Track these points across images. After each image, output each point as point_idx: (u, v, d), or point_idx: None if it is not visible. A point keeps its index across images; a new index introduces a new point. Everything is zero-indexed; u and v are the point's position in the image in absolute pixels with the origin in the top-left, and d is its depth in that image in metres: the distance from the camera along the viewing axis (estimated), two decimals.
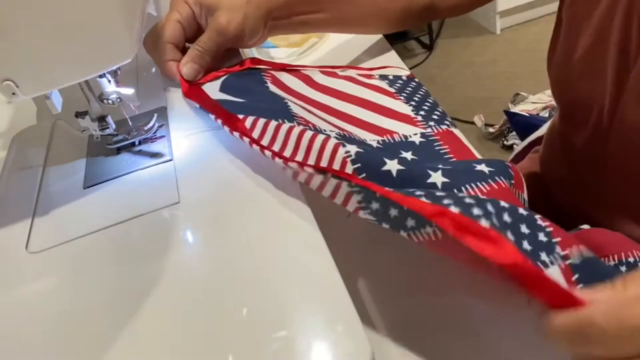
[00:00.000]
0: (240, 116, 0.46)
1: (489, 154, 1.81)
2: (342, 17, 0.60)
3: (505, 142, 1.81)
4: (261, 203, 0.42)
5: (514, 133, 1.77)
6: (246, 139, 0.44)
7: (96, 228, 0.42)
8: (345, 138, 0.44)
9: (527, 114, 1.73)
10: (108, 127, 0.49)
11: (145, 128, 0.50)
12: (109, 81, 0.47)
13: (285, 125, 0.44)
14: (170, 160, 0.48)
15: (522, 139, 1.66)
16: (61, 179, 0.49)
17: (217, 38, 0.54)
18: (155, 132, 0.51)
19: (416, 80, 0.58)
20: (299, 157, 0.42)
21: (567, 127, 0.59)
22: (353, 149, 0.41)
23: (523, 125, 1.63)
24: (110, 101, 0.48)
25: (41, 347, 0.35)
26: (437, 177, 0.40)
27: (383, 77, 0.58)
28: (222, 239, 0.40)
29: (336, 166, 0.40)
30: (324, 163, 0.41)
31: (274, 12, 0.55)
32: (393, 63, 0.64)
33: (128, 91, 0.48)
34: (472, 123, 1.93)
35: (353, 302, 0.34)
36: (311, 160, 0.41)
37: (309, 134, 0.43)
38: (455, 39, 2.48)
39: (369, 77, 0.58)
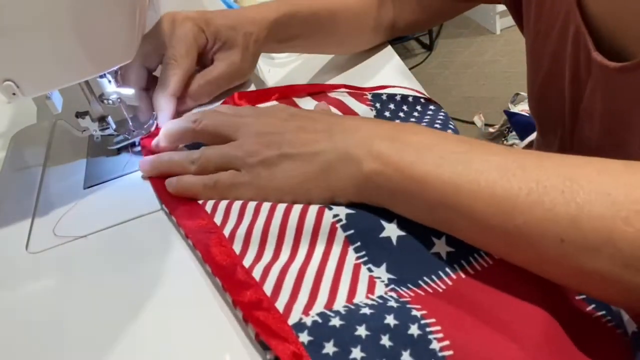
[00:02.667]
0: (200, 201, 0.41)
1: None
2: (317, 44, 0.63)
3: (505, 142, 1.81)
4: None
5: (514, 133, 1.77)
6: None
7: (96, 228, 0.42)
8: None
9: (527, 114, 1.73)
10: (108, 128, 0.49)
11: (145, 127, 0.50)
12: (109, 81, 0.47)
13: (252, 203, 0.39)
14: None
15: (522, 139, 1.67)
16: (61, 179, 0.49)
17: (231, 76, 0.54)
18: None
19: (422, 100, 0.52)
20: (273, 234, 0.36)
21: (543, 140, 0.61)
22: (342, 210, 0.35)
23: (523, 125, 1.63)
24: (110, 101, 0.48)
25: (41, 347, 0.35)
26: (441, 246, 0.34)
27: (376, 98, 0.52)
28: None
29: (323, 234, 0.35)
30: (307, 230, 0.35)
31: (266, 44, 0.56)
32: (393, 63, 0.64)
33: (128, 91, 0.48)
34: (472, 123, 1.93)
35: None
36: (290, 232, 0.36)
37: (282, 205, 0.37)
38: (455, 39, 2.48)
39: (360, 96, 0.52)
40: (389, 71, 0.63)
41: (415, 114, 0.51)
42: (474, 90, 2.15)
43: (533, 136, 0.78)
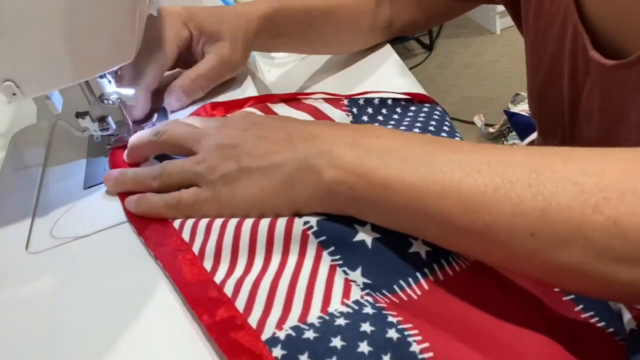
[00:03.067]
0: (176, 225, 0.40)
1: None
2: (310, 42, 0.62)
3: (505, 142, 1.81)
4: None
5: (514, 133, 1.77)
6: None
7: (96, 228, 0.42)
8: None
9: (527, 114, 1.73)
10: (108, 127, 0.49)
11: (145, 127, 0.50)
12: (109, 81, 0.47)
13: (219, 219, 0.38)
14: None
15: (522, 139, 1.66)
16: (61, 179, 0.49)
17: (219, 67, 0.53)
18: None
19: (403, 102, 0.51)
20: (244, 247, 0.35)
21: (543, 140, 0.61)
22: (312, 218, 0.34)
23: (523, 125, 1.63)
24: (110, 101, 0.48)
25: (41, 347, 0.35)
26: (419, 246, 0.33)
27: (352, 103, 0.50)
28: None
29: (295, 243, 0.34)
30: (277, 240, 0.35)
31: (258, 39, 0.56)
32: (392, 63, 0.64)
33: (128, 91, 0.48)
34: (472, 123, 1.93)
35: None
36: (260, 244, 0.35)
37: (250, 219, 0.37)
38: (455, 39, 2.48)
39: (336, 102, 0.51)
40: (388, 71, 0.63)
41: (395, 116, 0.50)
42: (474, 90, 2.15)
43: (533, 136, 0.78)
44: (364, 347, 0.28)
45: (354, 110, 0.50)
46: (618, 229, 0.25)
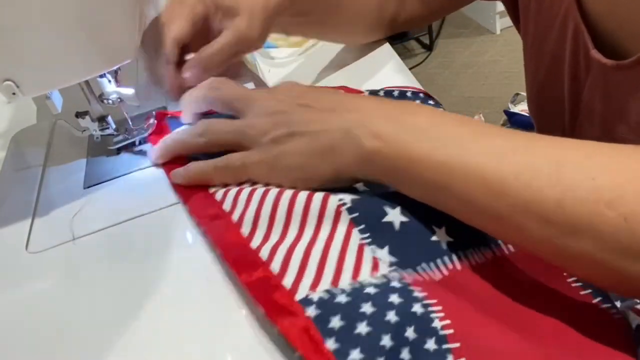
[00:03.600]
0: (211, 190, 0.42)
1: None
2: (321, 23, 0.61)
3: None
4: None
5: None
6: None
7: (96, 228, 0.42)
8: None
9: (527, 114, 1.73)
10: (108, 127, 0.49)
11: (145, 127, 0.50)
12: (109, 81, 0.47)
13: (260, 190, 0.40)
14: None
15: None
16: (61, 179, 0.49)
17: (237, 42, 0.52)
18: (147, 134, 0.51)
19: (422, 95, 0.52)
20: (280, 217, 0.37)
21: None
22: (347, 195, 0.37)
23: (523, 125, 1.63)
24: (110, 101, 0.48)
25: (41, 347, 0.35)
26: (442, 235, 0.36)
27: (373, 94, 0.52)
28: None
29: (329, 217, 0.36)
30: (312, 214, 0.37)
31: (279, 15, 0.54)
32: (392, 63, 0.64)
33: (128, 91, 0.48)
34: None
35: None
36: (296, 216, 0.37)
37: (288, 192, 0.38)
38: (455, 39, 2.48)
39: (357, 93, 0.52)
40: (388, 71, 0.63)
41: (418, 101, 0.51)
42: (474, 90, 2.15)
43: None
44: (391, 316, 0.30)
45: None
46: (628, 225, 0.27)
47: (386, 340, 0.29)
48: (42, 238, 0.42)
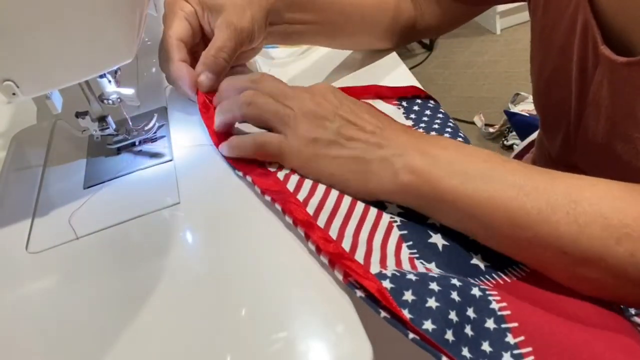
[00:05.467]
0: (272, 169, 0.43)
1: None
2: (332, 29, 0.61)
3: (505, 142, 1.81)
4: (261, 204, 0.42)
5: (514, 133, 1.77)
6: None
7: (96, 228, 0.42)
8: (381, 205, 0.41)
9: (527, 114, 1.73)
10: (108, 127, 0.49)
11: (146, 128, 0.50)
12: (109, 81, 0.47)
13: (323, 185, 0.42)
14: (171, 160, 0.48)
15: (522, 139, 1.66)
16: (61, 179, 0.49)
17: (233, 36, 0.51)
18: (155, 132, 0.51)
19: (431, 103, 0.55)
20: (339, 218, 0.39)
21: (545, 135, 0.61)
22: (395, 210, 0.40)
23: (523, 125, 1.63)
24: (110, 101, 0.48)
25: (41, 347, 0.35)
26: (478, 260, 0.38)
27: (400, 99, 0.55)
28: (222, 239, 0.40)
29: (382, 227, 0.39)
30: (369, 220, 0.39)
31: (271, 16, 0.55)
32: (393, 63, 0.64)
33: (128, 91, 0.48)
34: (472, 123, 1.93)
35: (352, 302, 0.34)
36: (354, 218, 0.39)
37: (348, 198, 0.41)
38: (455, 39, 2.48)
39: (389, 101, 0.54)
40: (388, 71, 0.63)
41: (440, 116, 0.53)
42: (474, 90, 2.14)
43: (533, 136, 0.78)
44: (455, 296, 0.33)
45: (404, 103, 0.54)
46: (634, 260, 0.32)
47: (453, 315, 0.32)
48: (42, 238, 0.42)
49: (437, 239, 0.39)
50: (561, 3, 0.49)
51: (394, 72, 0.63)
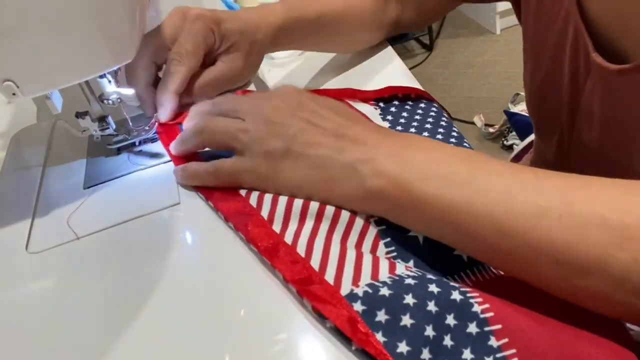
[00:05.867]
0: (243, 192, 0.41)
1: (489, 154, 1.81)
2: (317, 42, 0.62)
3: (505, 142, 1.81)
4: None
5: (514, 133, 1.77)
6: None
7: (96, 229, 0.42)
8: None
9: (527, 114, 1.73)
10: (108, 128, 0.49)
11: (146, 128, 0.50)
12: (109, 81, 0.47)
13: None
14: (171, 160, 0.48)
15: (522, 139, 1.67)
16: (61, 179, 0.49)
17: (231, 79, 0.53)
18: (155, 133, 0.51)
19: (423, 103, 0.52)
20: (309, 226, 0.37)
21: (540, 139, 0.61)
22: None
23: (523, 125, 1.63)
24: (110, 101, 0.48)
25: (41, 346, 0.35)
26: (462, 251, 0.36)
27: (378, 99, 0.53)
28: (221, 240, 0.40)
29: (358, 225, 0.36)
30: (342, 220, 0.37)
31: (273, 47, 0.56)
32: (393, 63, 0.64)
33: (128, 91, 0.48)
34: (472, 123, 1.93)
35: None
36: (326, 220, 0.37)
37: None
38: (455, 39, 2.48)
39: (366, 102, 0.53)
40: (388, 71, 0.63)
41: (420, 111, 0.51)
42: (474, 90, 2.15)
43: (533, 136, 0.78)
44: (432, 307, 0.30)
45: (381, 104, 0.52)
46: (638, 266, 0.27)
47: (429, 331, 0.30)
48: (42, 238, 0.42)
49: (418, 232, 0.36)
50: (552, 10, 0.49)
51: (395, 72, 0.63)
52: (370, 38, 0.66)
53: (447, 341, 0.30)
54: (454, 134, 0.48)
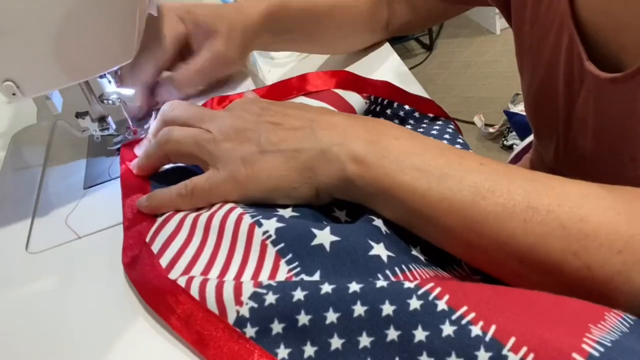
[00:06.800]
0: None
1: (489, 154, 1.81)
2: (309, 40, 0.62)
3: (505, 142, 1.81)
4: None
5: (514, 133, 1.77)
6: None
7: (96, 228, 0.42)
8: (261, 211, 0.37)
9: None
10: (108, 128, 0.49)
11: (145, 127, 0.50)
12: (109, 81, 0.48)
13: (192, 215, 0.38)
14: None
15: (522, 139, 1.66)
16: (61, 179, 0.49)
17: (215, 65, 0.53)
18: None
19: (426, 120, 0.50)
20: (210, 245, 0.36)
21: (539, 143, 0.61)
22: (272, 225, 0.34)
23: (523, 125, 1.63)
24: (110, 101, 0.48)
25: (41, 346, 0.35)
26: (380, 250, 0.33)
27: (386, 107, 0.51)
28: None
29: (255, 251, 0.34)
30: (239, 248, 0.35)
31: (256, 44, 0.56)
32: (393, 63, 0.64)
33: (128, 91, 0.48)
34: (472, 123, 1.93)
35: None
36: (225, 244, 0.35)
37: (219, 216, 0.37)
38: (455, 39, 2.48)
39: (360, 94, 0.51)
40: (389, 71, 0.63)
41: (408, 126, 0.49)
42: (474, 90, 2.15)
43: (533, 136, 0.78)
44: (326, 288, 0.29)
45: (372, 98, 0.50)
46: (590, 273, 0.29)
47: (331, 317, 0.29)
48: (42, 238, 0.42)
49: (323, 237, 0.33)
50: (547, 18, 0.49)
51: (394, 72, 0.63)
52: (361, 39, 0.66)
53: (393, 337, 0.27)
54: (451, 127, 0.48)
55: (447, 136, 0.46)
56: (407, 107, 0.50)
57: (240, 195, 0.38)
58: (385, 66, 0.63)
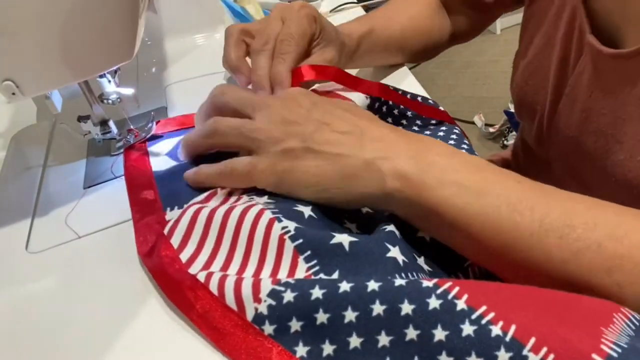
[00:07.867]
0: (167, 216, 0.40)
1: (489, 154, 1.81)
2: (390, 56, 0.63)
3: (505, 142, 1.81)
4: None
5: (514, 133, 1.77)
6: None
7: (96, 228, 0.42)
8: (282, 208, 0.37)
9: None
10: (110, 131, 0.49)
11: (145, 128, 0.50)
12: (109, 81, 0.47)
13: (208, 209, 0.38)
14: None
15: None
16: (61, 179, 0.49)
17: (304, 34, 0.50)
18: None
19: (432, 122, 0.50)
20: (227, 238, 0.36)
21: (523, 125, 0.61)
22: (291, 223, 0.35)
23: None
24: (110, 101, 0.48)
25: (41, 346, 0.35)
26: (396, 253, 0.33)
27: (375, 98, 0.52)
28: None
29: (273, 245, 0.34)
30: (257, 242, 0.35)
31: (353, 57, 0.56)
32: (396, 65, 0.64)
33: (128, 91, 0.48)
34: (472, 123, 1.93)
35: None
36: (242, 237, 0.35)
37: (237, 211, 0.37)
38: None
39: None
40: (388, 71, 0.63)
41: (415, 127, 0.50)
42: (474, 90, 2.15)
43: None
44: (344, 286, 0.29)
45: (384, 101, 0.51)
46: (620, 291, 0.30)
47: (350, 315, 0.29)
48: (42, 238, 0.42)
49: (342, 238, 0.33)
50: None
51: (394, 71, 0.63)
52: (433, 51, 0.68)
53: (413, 336, 0.28)
54: (456, 131, 0.47)
55: (452, 142, 0.46)
56: (410, 112, 0.50)
57: (275, 187, 0.38)
58: (386, 66, 0.63)
